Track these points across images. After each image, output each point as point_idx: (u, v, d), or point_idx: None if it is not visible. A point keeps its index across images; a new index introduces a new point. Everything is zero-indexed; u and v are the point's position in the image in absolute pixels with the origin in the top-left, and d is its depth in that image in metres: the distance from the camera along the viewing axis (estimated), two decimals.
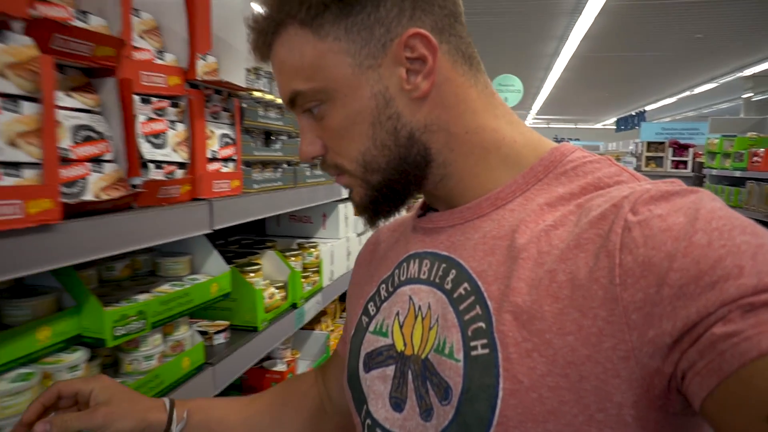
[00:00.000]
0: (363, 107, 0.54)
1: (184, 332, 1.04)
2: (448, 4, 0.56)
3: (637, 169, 8.06)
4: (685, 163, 8.35)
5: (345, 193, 1.84)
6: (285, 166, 1.41)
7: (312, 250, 1.65)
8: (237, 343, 1.22)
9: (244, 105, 1.18)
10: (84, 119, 0.78)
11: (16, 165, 0.62)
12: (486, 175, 0.57)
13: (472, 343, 0.50)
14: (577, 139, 20.04)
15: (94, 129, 0.79)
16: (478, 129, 0.57)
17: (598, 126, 23.81)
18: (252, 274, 1.30)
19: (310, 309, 1.61)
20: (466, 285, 0.54)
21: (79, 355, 0.80)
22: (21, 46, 0.62)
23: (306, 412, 0.81)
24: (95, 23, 0.78)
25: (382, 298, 0.64)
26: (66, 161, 0.73)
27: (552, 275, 0.48)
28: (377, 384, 0.60)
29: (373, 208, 0.60)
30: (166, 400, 0.72)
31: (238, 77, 1.09)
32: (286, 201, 1.36)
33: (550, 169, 0.56)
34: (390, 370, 0.58)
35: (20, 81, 0.62)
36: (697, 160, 7.61)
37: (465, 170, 0.58)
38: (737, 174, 5.43)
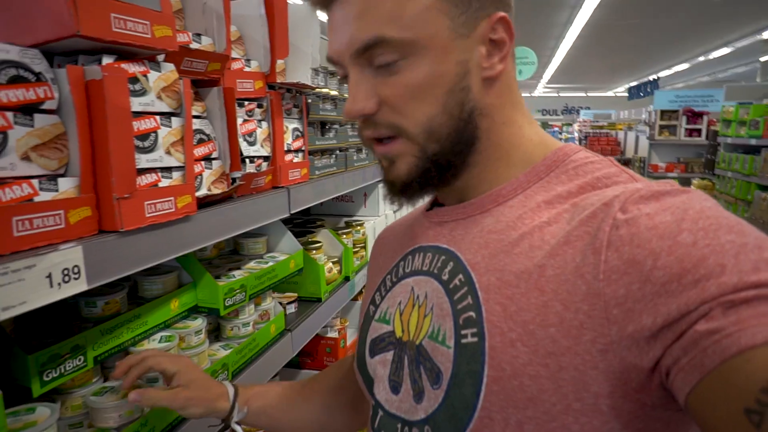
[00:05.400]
0: (446, 72, 0.54)
1: (269, 303, 1.20)
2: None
3: (651, 138, 8.05)
4: (699, 131, 8.33)
5: None
6: (338, 152, 1.55)
7: (359, 227, 1.80)
8: (305, 312, 1.39)
9: (309, 101, 1.31)
10: (197, 124, 0.92)
11: (169, 169, 0.77)
12: (503, 171, 0.59)
13: (463, 331, 0.53)
14: (588, 108, 19.84)
15: (204, 132, 0.93)
16: (510, 122, 0.59)
17: (610, 94, 23.51)
18: (314, 251, 1.46)
19: (359, 281, 1.76)
20: (460, 276, 0.56)
21: (200, 322, 0.96)
22: (169, 72, 0.76)
23: (351, 393, 0.81)
24: (205, 43, 0.92)
25: (387, 288, 0.67)
26: None
27: (541, 270, 0.49)
28: (379, 368, 0.63)
29: (421, 181, 0.58)
30: (231, 389, 0.77)
31: (305, 76, 1.22)
32: (342, 183, 1.51)
33: (552, 168, 0.57)
34: (390, 355, 0.62)
35: (169, 101, 0.76)
36: (712, 128, 7.59)
37: (489, 162, 0.59)
38: (753, 142, 5.47)
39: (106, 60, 0.69)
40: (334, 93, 1.50)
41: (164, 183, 0.76)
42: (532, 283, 0.49)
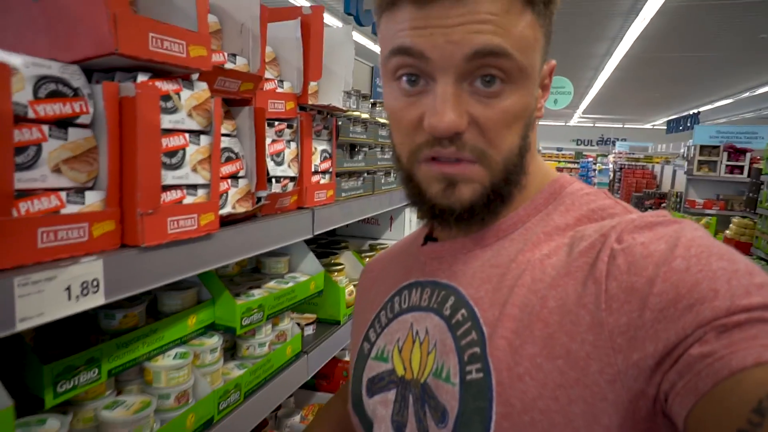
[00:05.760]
0: (530, 105, 0.54)
1: (287, 324, 1.19)
2: None
3: (689, 173, 7.85)
4: (741, 168, 8.07)
5: None
6: (365, 175, 1.55)
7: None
8: (323, 334, 1.37)
9: (339, 122, 1.31)
10: (226, 142, 0.93)
11: (194, 186, 0.77)
12: (516, 202, 0.58)
13: (468, 368, 0.52)
14: (624, 139, 19.49)
15: (233, 150, 0.94)
16: (532, 159, 0.60)
17: (648, 126, 23.08)
18: (336, 273, 1.45)
19: None
20: (463, 311, 0.55)
21: (216, 340, 0.96)
22: (201, 91, 0.77)
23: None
24: (240, 63, 0.93)
25: (383, 324, 0.65)
26: None
27: (543, 301, 0.50)
28: (380, 408, 0.61)
29: (488, 207, 0.56)
30: None
31: (336, 99, 1.23)
32: (368, 207, 1.50)
33: (550, 201, 0.58)
34: (391, 395, 0.60)
35: (199, 119, 0.77)
36: (755, 166, 7.34)
37: (513, 193, 0.57)
38: None
39: (141, 77, 0.71)
40: (365, 116, 1.50)
41: (188, 200, 0.76)
42: (535, 316, 0.49)
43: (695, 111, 14.08)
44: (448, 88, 0.50)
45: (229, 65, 0.90)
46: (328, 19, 7.19)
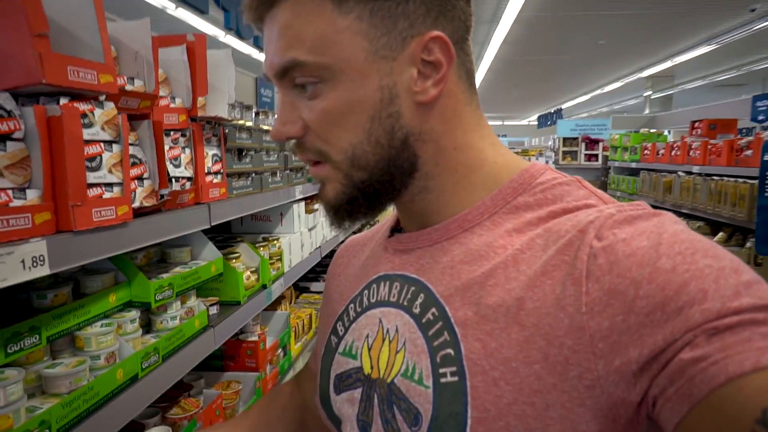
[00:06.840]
0: (366, 97, 0.51)
1: (193, 302, 1.40)
2: (467, 18, 0.55)
3: (555, 162, 8.86)
4: (596, 156, 9.28)
5: (299, 195, 2.23)
6: (253, 175, 1.79)
7: (275, 242, 2.02)
8: (226, 312, 1.59)
9: (226, 131, 1.55)
10: (131, 150, 1.13)
11: (111, 185, 0.98)
12: (465, 195, 0.56)
13: (441, 370, 0.50)
14: (504, 135, 21.19)
15: (137, 156, 1.15)
16: (465, 147, 0.56)
17: (524, 122, 25.23)
18: (234, 261, 1.67)
19: (276, 290, 1.98)
20: (434, 310, 0.53)
21: (134, 313, 1.15)
22: (110, 109, 0.98)
23: (288, 429, 0.80)
24: (137, 85, 1.14)
25: (351, 318, 0.63)
26: None
27: (519, 303, 0.47)
28: (346, 407, 0.60)
29: (348, 209, 0.56)
30: None
31: (222, 110, 1.46)
32: (258, 202, 1.74)
33: (519, 191, 0.55)
34: (357, 393, 0.58)
35: (110, 131, 0.98)
36: (605, 153, 8.50)
37: (446, 187, 0.56)
38: (633, 165, 6.26)
39: (63, 100, 0.91)
40: (249, 124, 1.74)
41: (107, 195, 0.97)
42: (512, 318, 0.48)
43: (559, 107, 15.75)
44: (280, 98, 0.55)
45: (129, 87, 1.11)
46: (218, 31, 7.21)
